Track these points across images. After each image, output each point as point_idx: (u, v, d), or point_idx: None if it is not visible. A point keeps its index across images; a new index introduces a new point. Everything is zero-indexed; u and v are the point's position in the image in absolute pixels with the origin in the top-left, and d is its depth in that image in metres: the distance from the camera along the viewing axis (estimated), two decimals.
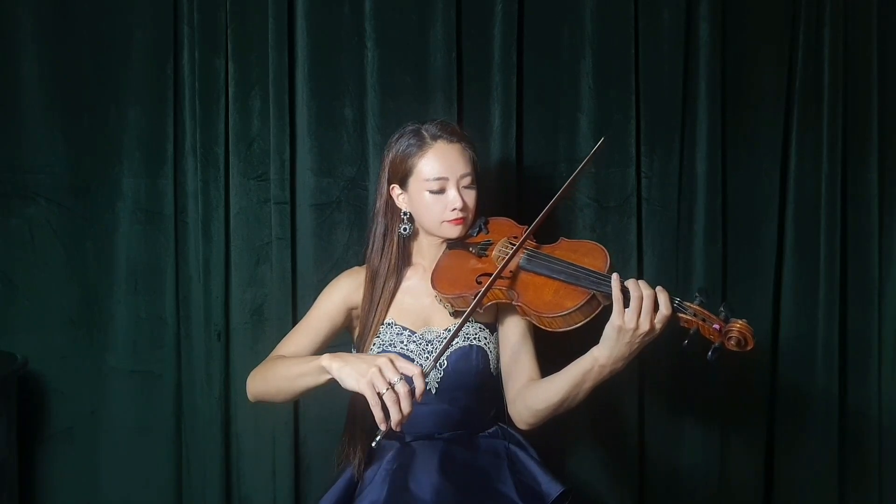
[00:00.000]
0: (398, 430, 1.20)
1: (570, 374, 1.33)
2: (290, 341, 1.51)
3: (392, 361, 1.20)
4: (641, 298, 1.24)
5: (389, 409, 1.18)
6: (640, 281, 1.27)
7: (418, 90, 1.89)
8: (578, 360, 1.32)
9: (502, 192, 1.91)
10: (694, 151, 1.98)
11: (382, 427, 1.19)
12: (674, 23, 1.94)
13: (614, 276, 1.28)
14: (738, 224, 2.03)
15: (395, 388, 1.18)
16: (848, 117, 2.03)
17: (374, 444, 1.22)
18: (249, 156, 1.89)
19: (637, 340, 1.26)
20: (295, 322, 1.74)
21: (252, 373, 1.47)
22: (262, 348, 1.88)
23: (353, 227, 1.89)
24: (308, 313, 1.55)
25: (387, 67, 1.87)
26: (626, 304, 1.25)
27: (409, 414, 1.19)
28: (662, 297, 1.26)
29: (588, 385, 1.32)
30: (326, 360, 1.26)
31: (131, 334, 1.92)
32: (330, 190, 1.89)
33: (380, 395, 1.18)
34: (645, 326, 1.24)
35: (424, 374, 1.21)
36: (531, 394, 1.41)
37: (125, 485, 1.94)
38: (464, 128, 1.87)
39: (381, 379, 1.18)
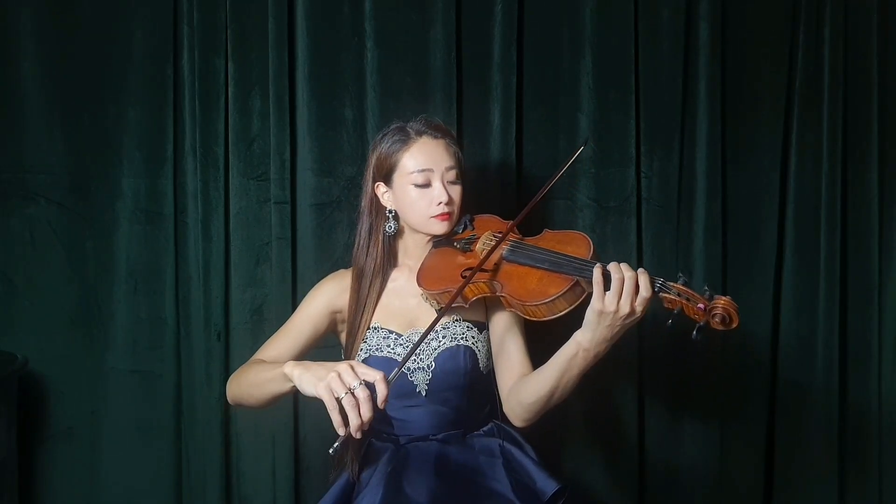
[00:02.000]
0: (357, 436, 1.16)
1: (556, 363, 1.32)
2: (272, 346, 1.51)
3: (352, 367, 1.18)
4: (622, 281, 1.23)
5: (348, 413, 1.15)
6: (622, 264, 1.26)
7: (418, 90, 1.89)
8: (562, 347, 1.31)
9: (502, 192, 1.91)
10: (694, 151, 1.97)
11: (340, 432, 1.16)
12: (674, 23, 1.94)
13: (597, 264, 1.28)
14: (738, 224, 2.03)
15: (355, 392, 1.16)
16: (848, 117, 2.03)
17: (331, 452, 1.17)
18: (249, 156, 1.89)
19: (618, 323, 1.25)
20: None
21: (231, 376, 1.48)
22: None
23: (353, 226, 1.87)
24: (291, 317, 1.55)
25: (387, 67, 1.87)
26: (607, 287, 1.24)
27: (370, 420, 1.16)
28: (643, 280, 1.25)
29: (575, 371, 1.31)
30: (289, 367, 1.26)
31: (131, 334, 1.92)
32: (330, 189, 1.89)
33: (338, 400, 1.16)
34: (625, 309, 1.23)
35: (388, 381, 1.17)
36: (522, 389, 1.40)
37: (125, 485, 1.94)
38: (464, 128, 1.88)
39: (339, 383, 1.17)
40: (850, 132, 2.04)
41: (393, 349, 1.48)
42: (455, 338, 1.49)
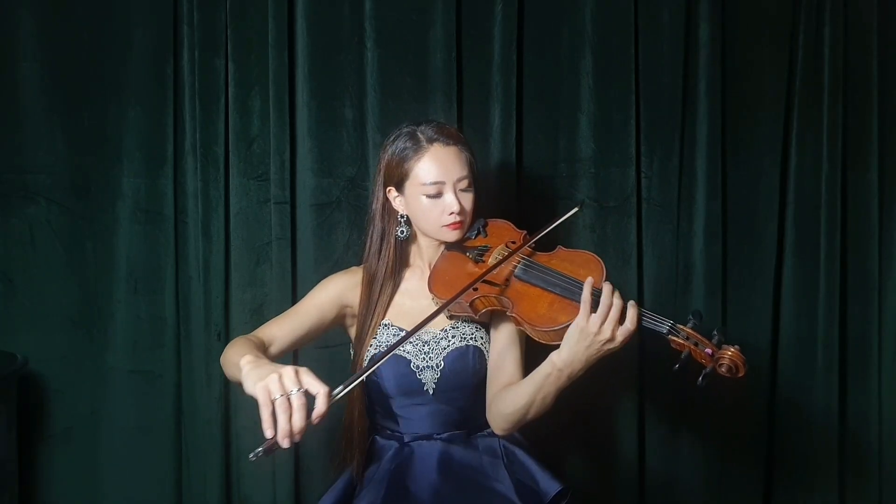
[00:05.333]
0: (285, 446, 1.06)
1: (532, 380, 1.34)
2: (274, 324, 1.48)
3: (297, 373, 1.09)
4: (610, 306, 1.26)
5: (278, 417, 1.05)
6: (615, 291, 1.28)
7: (418, 90, 1.89)
8: (540, 365, 1.33)
9: (502, 193, 1.91)
10: (694, 151, 1.98)
11: (267, 434, 1.05)
12: (674, 23, 1.94)
13: (588, 279, 1.29)
14: (738, 224, 2.03)
15: (291, 397, 1.07)
16: (848, 117, 2.03)
17: (251, 457, 1.05)
18: (249, 156, 1.89)
19: (596, 347, 1.26)
20: None
21: (227, 345, 1.41)
22: None
23: (353, 227, 1.89)
24: (298, 302, 1.54)
25: (387, 67, 1.87)
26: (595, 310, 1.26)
27: (301, 431, 1.06)
28: (632, 312, 1.26)
29: (550, 390, 1.32)
30: (245, 360, 1.18)
31: (131, 334, 1.92)
32: (330, 190, 1.89)
33: (273, 402, 1.07)
34: (606, 334, 1.25)
35: (331, 396, 1.09)
36: (502, 398, 1.41)
37: (125, 485, 1.94)
38: (464, 128, 1.88)
39: (277, 385, 1.07)
40: (850, 132, 2.04)
41: (402, 346, 1.48)
42: (465, 338, 1.49)
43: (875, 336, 2.09)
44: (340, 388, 1.13)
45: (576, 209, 1.51)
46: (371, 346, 1.50)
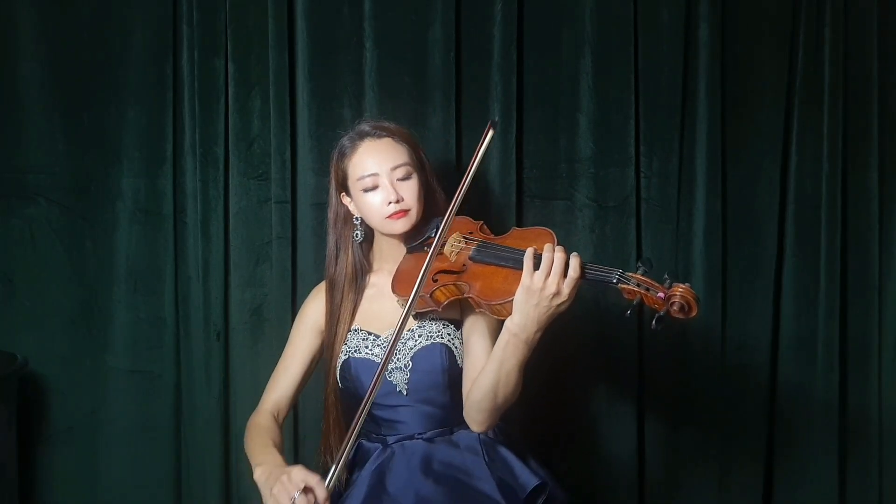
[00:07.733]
0: None
1: (493, 355, 1.33)
2: (272, 389, 1.53)
3: (289, 478, 1.26)
4: (552, 260, 1.26)
5: None
6: (558, 247, 1.28)
7: (417, 90, 1.89)
8: (498, 337, 1.33)
9: (502, 193, 1.91)
10: (694, 151, 1.97)
11: None
12: (674, 23, 1.94)
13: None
14: (738, 224, 2.03)
15: (296, 501, 1.23)
16: (848, 117, 2.03)
17: None
18: (249, 156, 1.89)
19: (545, 304, 1.25)
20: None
21: (248, 424, 1.50)
22: (261, 348, 1.89)
23: None
24: (284, 350, 1.56)
25: (386, 67, 1.87)
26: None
27: None
28: (574, 262, 1.26)
29: (512, 362, 1.31)
30: (256, 474, 1.35)
31: (131, 334, 1.92)
32: (330, 189, 1.89)
33: None
34: (552, 288, 1.24)
35: (325, 482, 1.25)
36: (472, 389, 1.40)
37: (125, 485, 1.94)
38: (463, 128, 1.88)
39: (284, 495, 1.24)
40: (850, 132, 2.04)
41: (371, 350, 1.48)
42: (431, 336, 1.47)
43: (875, 335, 2.08)
44: (333, 467, 1.29)
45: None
46: (342, 352, 1.50)
